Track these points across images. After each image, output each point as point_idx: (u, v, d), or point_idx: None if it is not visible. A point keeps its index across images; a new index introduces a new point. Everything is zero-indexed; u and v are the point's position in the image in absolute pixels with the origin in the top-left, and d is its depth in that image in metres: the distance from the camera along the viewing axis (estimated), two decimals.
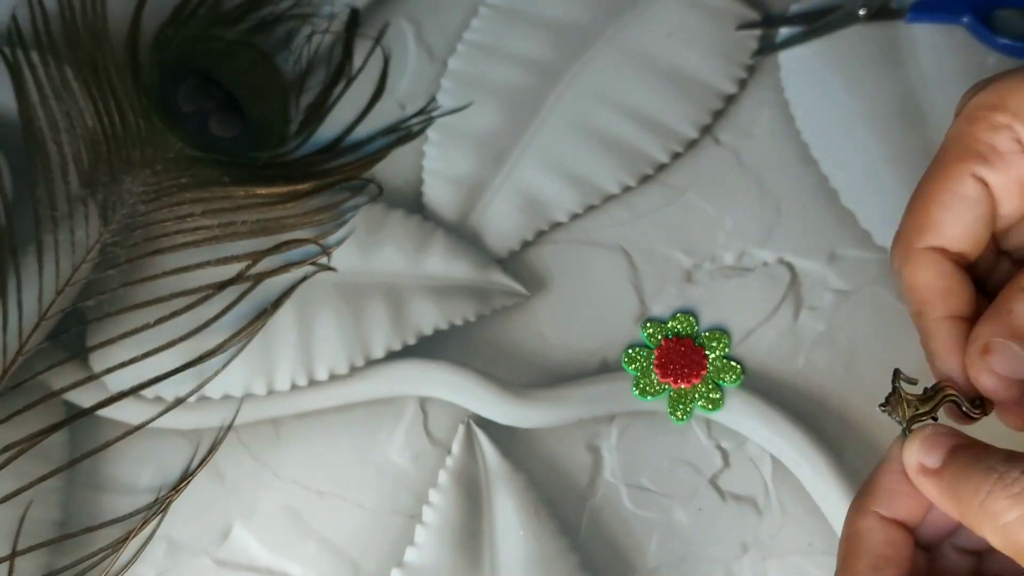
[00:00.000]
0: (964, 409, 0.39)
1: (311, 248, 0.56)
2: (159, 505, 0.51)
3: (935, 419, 0.39)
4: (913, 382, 0.40)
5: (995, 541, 0.33)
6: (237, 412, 0.53)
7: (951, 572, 0.38)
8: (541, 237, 0.56)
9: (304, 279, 0.55)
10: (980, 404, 0.39)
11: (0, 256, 0.55)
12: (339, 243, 0.56)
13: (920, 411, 0.39)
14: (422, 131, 0.59)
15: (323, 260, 0.55)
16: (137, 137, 0.58)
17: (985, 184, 0.39)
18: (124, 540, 0.50)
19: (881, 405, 0.40)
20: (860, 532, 0.38)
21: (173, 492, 0.51)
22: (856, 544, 0.37)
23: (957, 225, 0.39)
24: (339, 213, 0.57)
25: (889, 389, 0.40)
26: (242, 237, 0.55)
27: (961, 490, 0.34)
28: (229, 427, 0.52)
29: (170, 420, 0.52)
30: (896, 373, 0.40)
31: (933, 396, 0.39)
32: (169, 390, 0.53)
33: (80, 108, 0.58)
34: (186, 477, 0.51)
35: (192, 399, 0.53)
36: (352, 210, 0.57)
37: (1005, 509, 0.32)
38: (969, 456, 0.34)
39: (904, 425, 0.39)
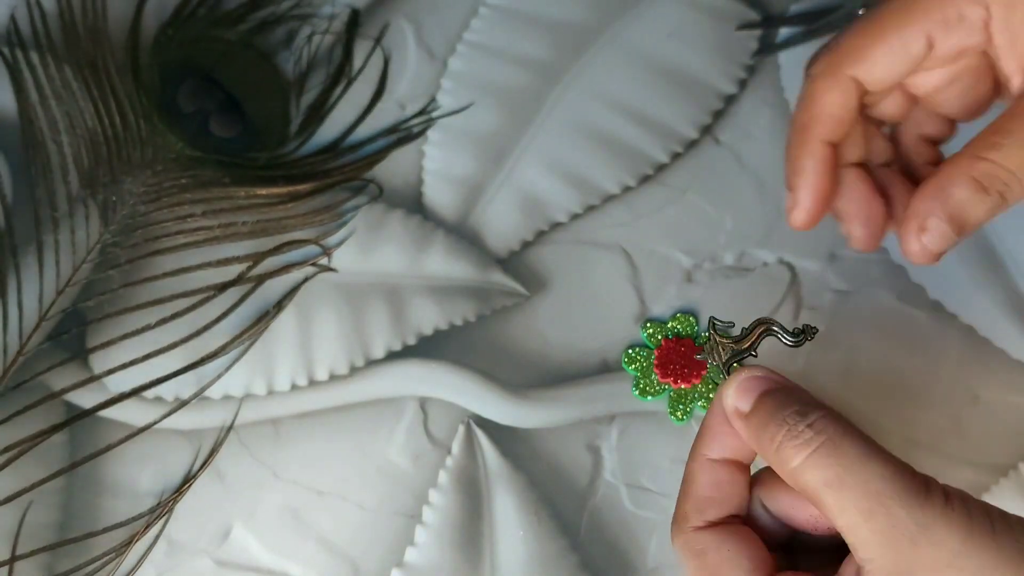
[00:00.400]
0: (784, 340, 0.41)
1: (312, 249, 0.56)
2: (162, 508, 0.51)
3: (755, 355, 0.41)
4: (730, 325, 0.42)
5: (788, 481, 0.37)
6: (237, 413, 0.53)
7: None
8: (541, 237, 0.56)
9: (306, 280, 0.55)
10: (801, 332, 0.41)
11: (1, 256, 0.55)
12: (340, 244, 0.56)
13: (739, 349, 0.41)
14: (422, 132, 0.59)
15: (324, 261, 0.55)
16: (137, 137, 0.58)
17: (932, 46, 0.41)
18: (128, 544, 0.50)
19: (697, 354, 0.43)
20: (690, 474, 0.40)
21: (176, 495, 0.51)
22: (686, 486, 0.40)
23: (888, 71, 0.42)
24: (339, 213, 0.57)
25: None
26: (243, 238, 0.55)
27: (763, 437, 0.37)
28: (230, 428, 0.52)
29: (169, 420, 0.52)
30: (711, 320, 0.42)
31: (750, 334, 0.41)
32: (168, 390, 0.53)
33: (80, 108, 0.58)
34: (188, 480, 0.51)
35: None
36: (352, 210, 0.57)
37: (792, 456, 0.36)
38: (772, 404, 0.37)
39: (722, 367, 0.41)
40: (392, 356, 0.54)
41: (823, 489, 0.35)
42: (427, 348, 0.54)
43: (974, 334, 0.52)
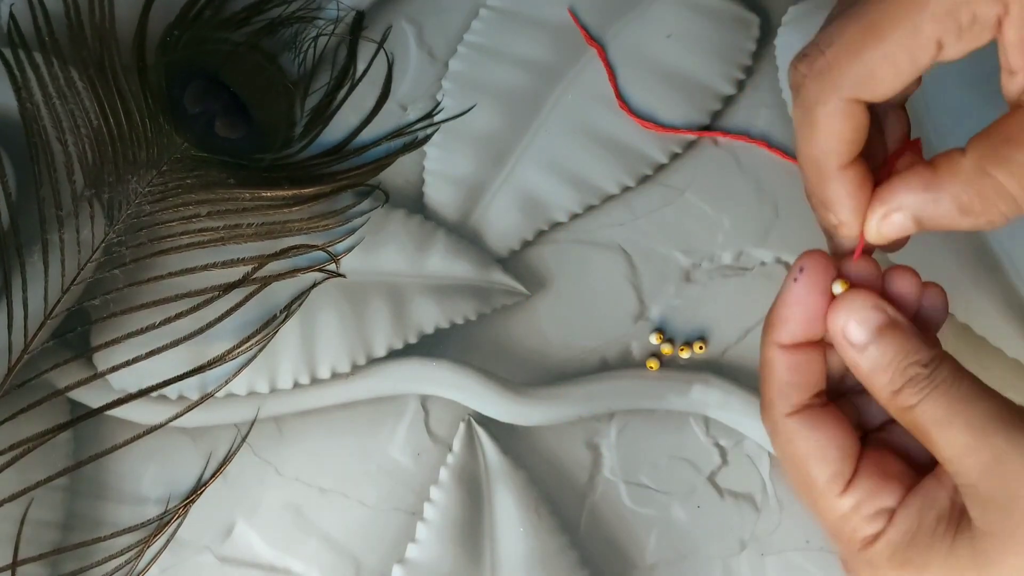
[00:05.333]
0: None
1: (319, 253, 0.56)
2: (174, 515, 0.51)
3: None
4: None
5: (893, 414, 0.38)
6: (251, 427, 0.53)
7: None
8: (541, 237, 0.56)
9: (315, 286, 0.55)
10: None
11: (5, 254, 0.55)
12: (348, 250, 0.56)
13: None
14: (428, 138, 0.59)
15: (331, 267, 0.56)
16: (143, 137, 0.58)
17: (941, 50, 0.36)
18: (143, 547, 0.50)
19: None
20: (767, 362, 0.40)
21: (188, 502, 0.51)
22: (765, 373, 0.40)
23: (893, 86, 0.37)
24: (346, 219, 0.57)
25: None
26: (247, 240, 0.56)
27: (879, 377, 0.38)
28: (244, 438, 0.53)
29: (170, 416, 0.53)
30: None
31: None
32: (172, 388, 0.53)
33: (85, 108, 0.58)
34: (200, 486, 0.52)
35: (195, 397, 0.53)
36: (359, 215, 0.57)
37: (907, 399, 0.37)
38: (893, 349, 0.38)
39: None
40: (394, 354, 0.54)
41: (931, 427, 0.36)
42: (428, 346, 0.54)
43: (970, 333, 0.53)
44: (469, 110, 0.60)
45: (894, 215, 0.38)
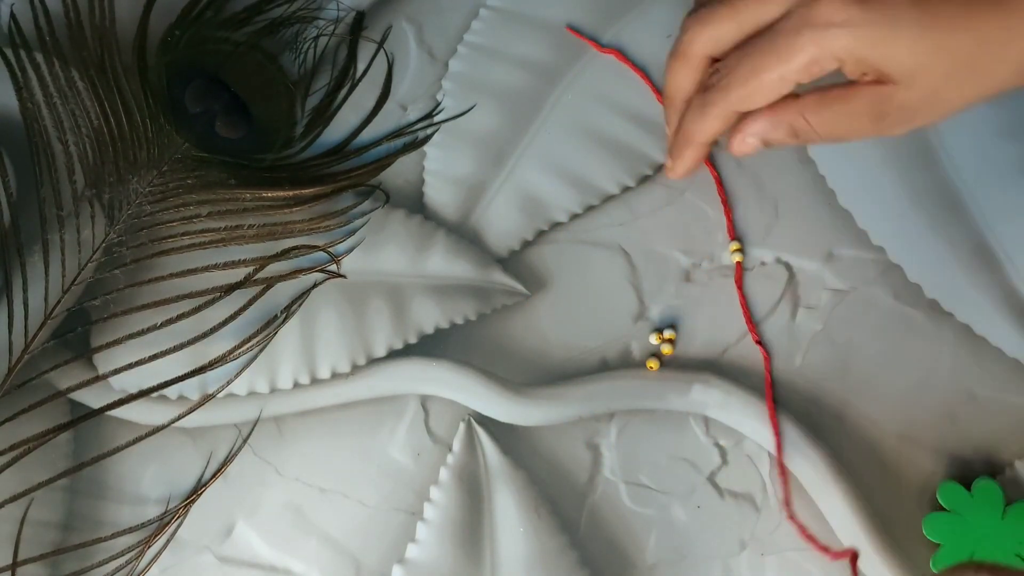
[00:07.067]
0: None
1: (319, 254, 0.56)
2: (175, 515, 0.51)
3: None
4: None
5: None
6: (252, 429, 0.53)
7: None
8: (541, 237, 0.56)
9: (315, 286, 0.55)
10: None
11: (6, 254, 0.56)
12: (349, 251, 0.56)
13: None
14: (428, 138, 0.59)
15: (332, 268, 0.56)
16: (143, 137, 0.58)
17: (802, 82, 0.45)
18: (143, 547, 0.50)
19: None
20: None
21: (189, 501, 0.51)
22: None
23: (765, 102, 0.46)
24: (347, 220, 0.57)
25: None
26: (248, 241, 0.56)
27: None
28: (246, 439, 0.53)
29: (172, 418, 0.53)
30: None
31: None
32: (172, 388, 0.53)
33: (86, 108, 0.58)
34: (200, 486, 0.52)
35: (195, 397, 0.53)
36: (360, 216, 0.57)
37: None
38: None
39: None
40: (394, 354, 0.54)
41: None
42: (428, 346, 0.54)
43: (970, 332, 0.53)
44: (469, 110, 0.60)
45: (748, 139, 0.47)
